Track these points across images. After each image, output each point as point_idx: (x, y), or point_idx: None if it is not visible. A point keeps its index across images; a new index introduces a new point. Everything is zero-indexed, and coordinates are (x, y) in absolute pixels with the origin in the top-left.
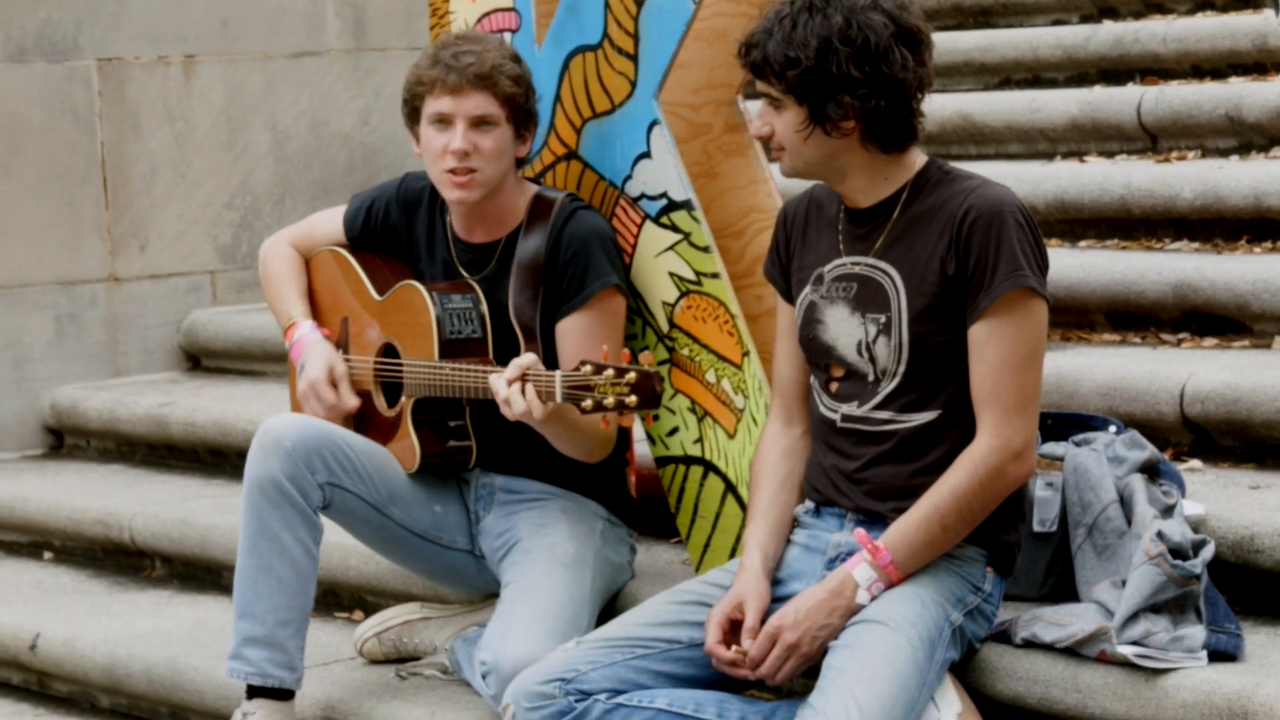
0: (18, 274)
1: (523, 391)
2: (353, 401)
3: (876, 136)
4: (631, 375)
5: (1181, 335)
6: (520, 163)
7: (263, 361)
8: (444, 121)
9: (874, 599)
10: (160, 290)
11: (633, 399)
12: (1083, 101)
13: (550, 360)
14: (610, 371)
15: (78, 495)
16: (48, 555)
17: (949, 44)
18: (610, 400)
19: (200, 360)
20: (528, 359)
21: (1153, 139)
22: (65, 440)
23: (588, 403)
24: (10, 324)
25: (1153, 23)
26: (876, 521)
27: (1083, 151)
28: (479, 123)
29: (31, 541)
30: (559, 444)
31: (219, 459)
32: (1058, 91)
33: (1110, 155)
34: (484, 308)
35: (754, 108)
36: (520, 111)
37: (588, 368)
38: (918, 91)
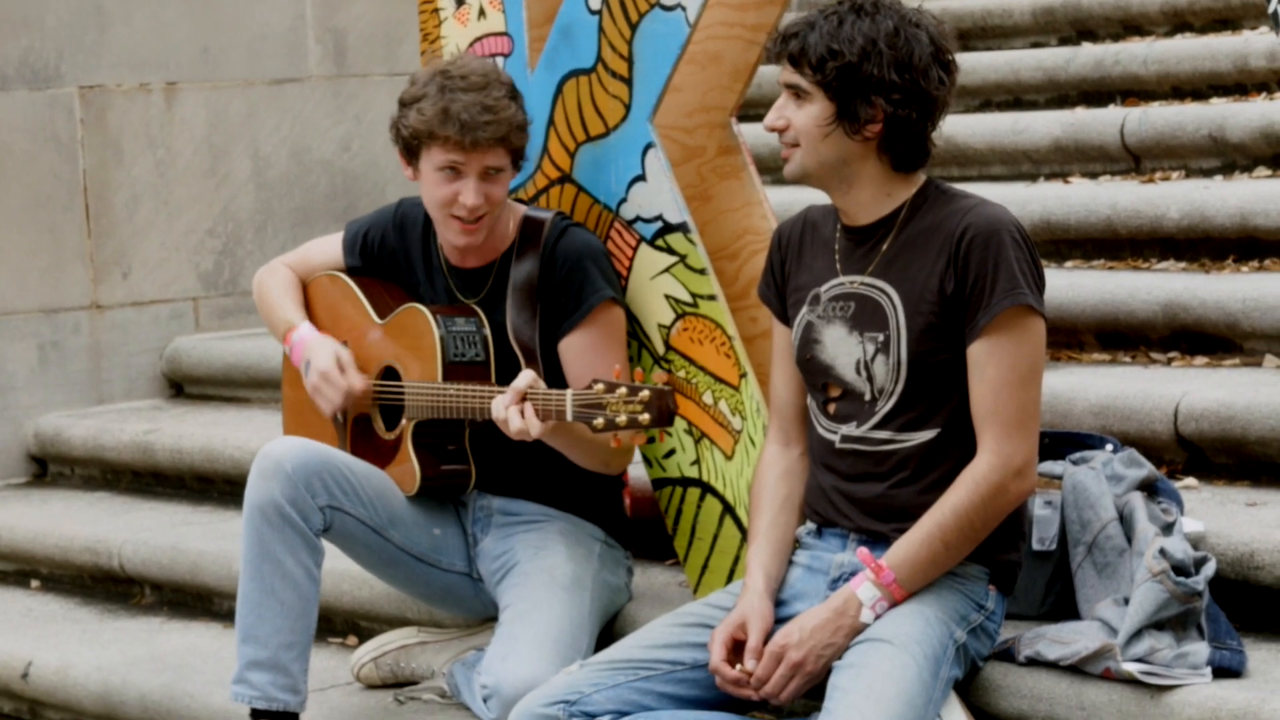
0: (0, 302)
1: (521, 412)
2: (361, 382)
3: (892, 149)
4: (645, 393)
5: (1171, 354)
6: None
7: (247, 388)
8: (454, 172)
9: (878, 618)
10: (143, 317)
11: (646, 417)
12: (1065, 123)
13: (553, 379)
14: (623, 390)
15: (65, 523)
16: (35, 583)
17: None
18: (623, 418)
19: (184, 387)
20: (525, 380)
21: (1136, 160)
22: (49, 468)
23: (599, 421)
24: None
25: (1133, 45)
26: (879, 541)
27: (1066, 173)
28: (488, 173)
29: (18, 570)
30: (574, 457)
31: (206, 485)
32: (1040, 113)
33: (1094, 176)
34: (487, 331)
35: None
36: (521, 150)
37: (600, 385)
38: (941, 114)
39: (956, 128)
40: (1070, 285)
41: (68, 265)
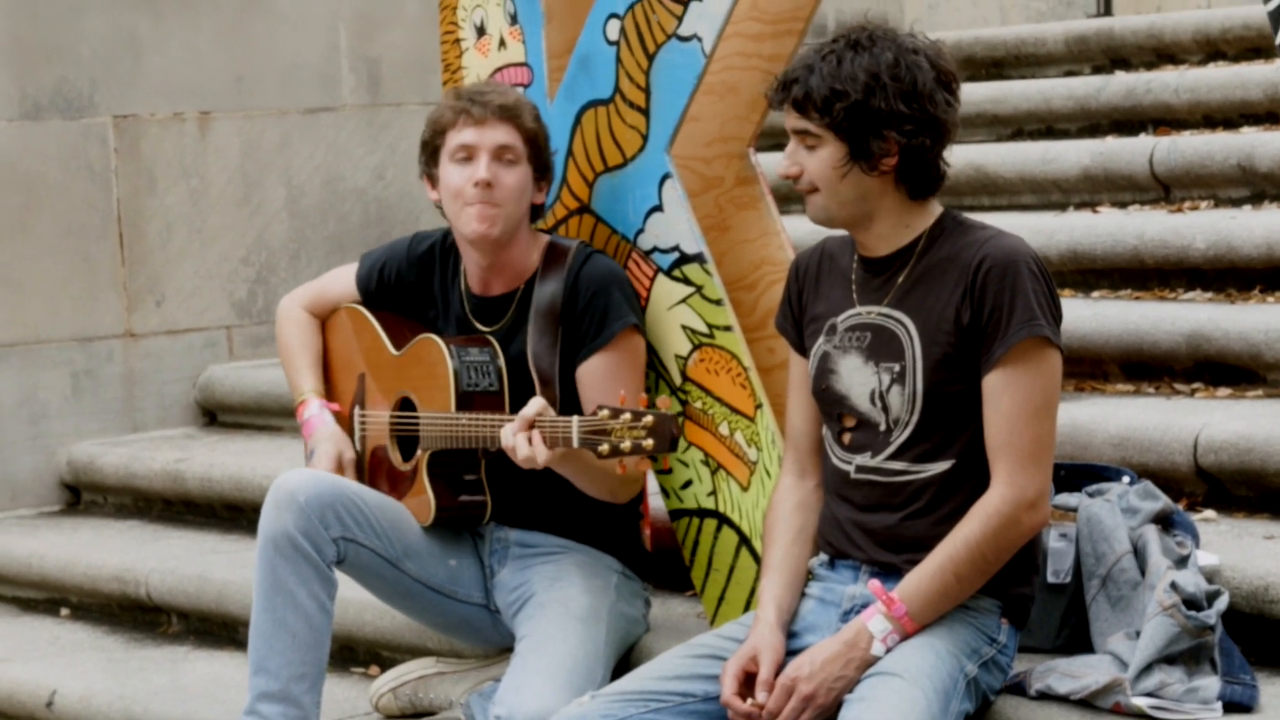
0: (34, 330)
1: (529, 439)
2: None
3: (909, 179)
4: (648, 419)
5: (1195, 385)
6: (535, 212)
7: (279, 416)
8: (467, 155)
9: (889, 650)
10: (176, 346)
11: (649, 442)
12: (1095, 152)
13: (570, 406)
14: (627, 415)
15: (94, 551)
16: (65, 612)
17: (961, 95)
18: (627, 444)
19: (216, 415)
20: (534, 408)
21: (1165, 189)
22: (82, 496)
23: (604, 447)
24: (27, 380)
25: (1165, 73)
26: (891, 573)
27: (1095, 202)
28: (502, 155)
29: (48, 598)
30: (583, 485)
31: (235, 514)
32: (1070, 142)
33: (1123, 205)
34: (501, 362)
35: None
36: (540, 153)
37: (604, 412)
38: (951, 136)
39: (987, 157)
40: (1095, 315)
41: (101, 294)
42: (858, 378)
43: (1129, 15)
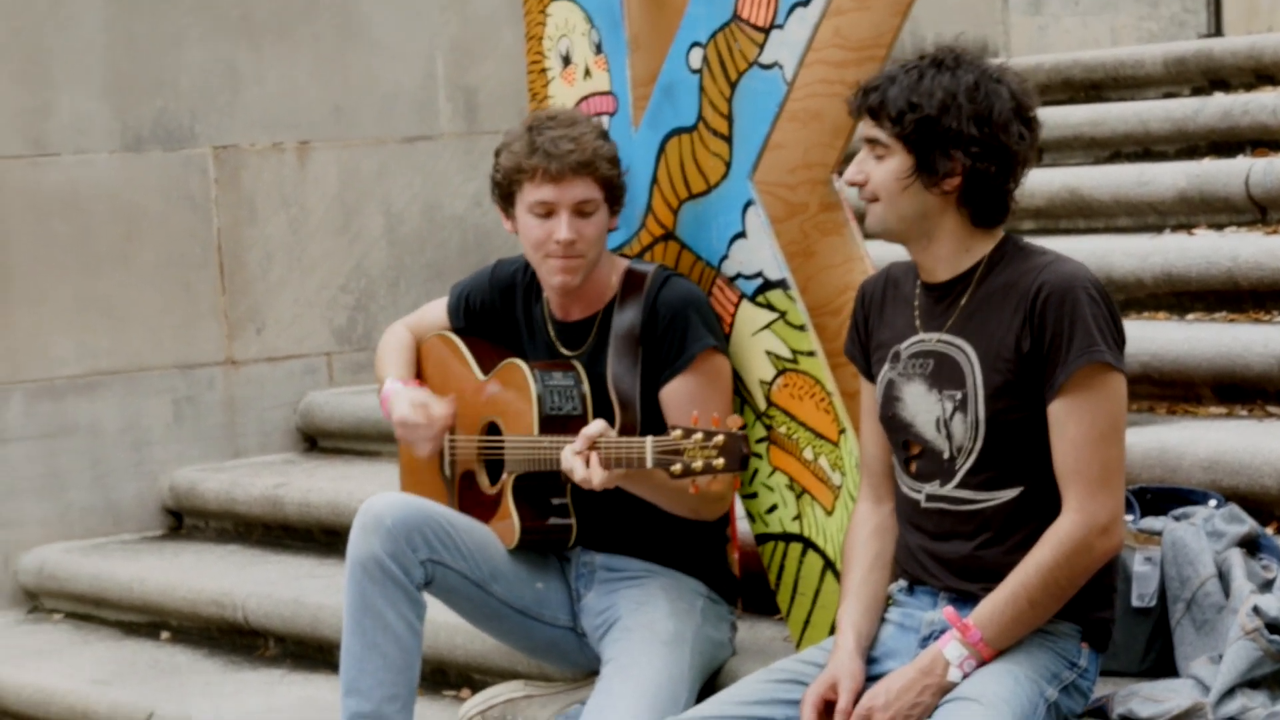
0: (136, 359)
1: (586, 460)
2: (442, 408)
3: (972, 203)
4: (719, 438)
5: None
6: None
7: (378, 441)
8: (546, 210)
9: (966, 676)
10: (277, 373)
11: (720, 461)
12: (1191, 174)
13: (651, 429)
14: (699, 435)
15: (194, 576)
16: (165, 635)
17: (1059, 118)
18: (699, 464)
19: (317, 441)
20: (595, 428)
21: (1262, 210)
22: (184, 521)
23: (677, 467)
24: (130, 408)
25: (1263, 95)
26: (968, 600)
27: (1192, 224)
28: (581, 209)
29: (150, 621)
30: (664, 505)
31: (333, 539)
32: (1166, 164)
33: (1219, 228)
34: (585, 387)
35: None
36: (615, 189)
37: (677, 432)
38: (1022, 170)
39: (1082, 179)
40: (1188, 338)
41: (202, 322)
42: (922, 405)
43: (1238, 36)
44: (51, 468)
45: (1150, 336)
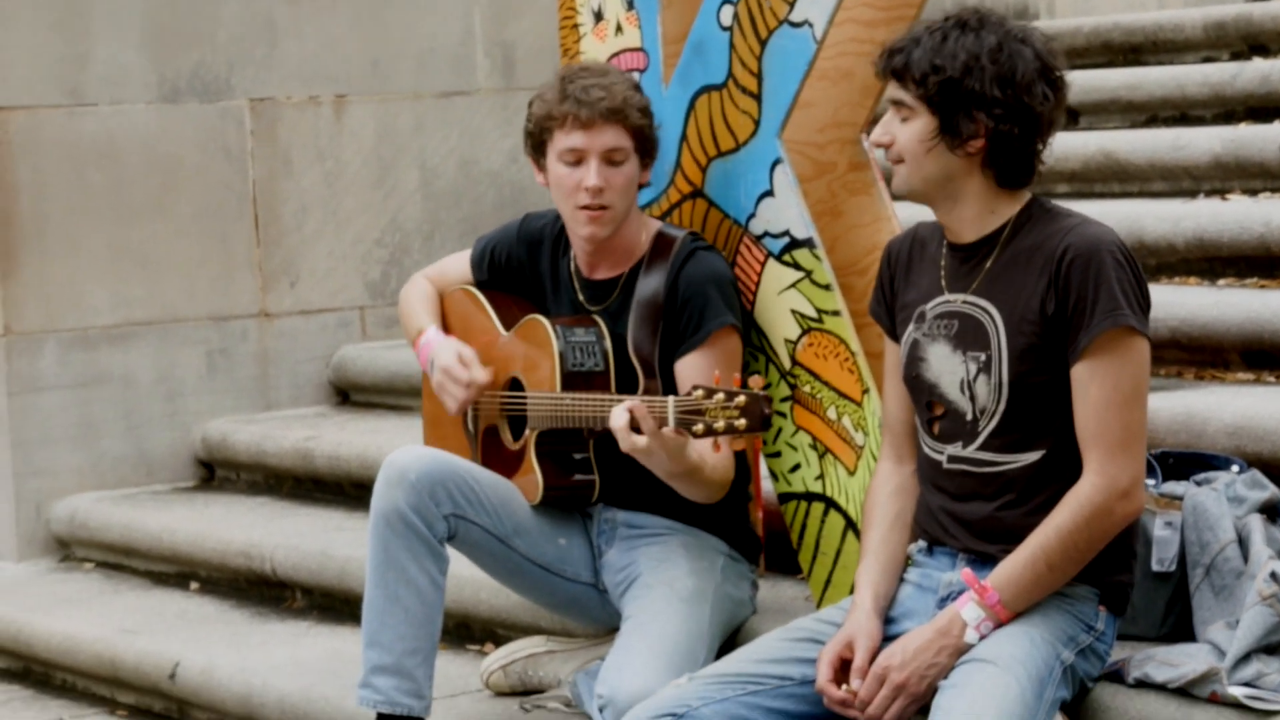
0: (171, 310)
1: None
2: (484, 376)
3: (997, 165)
4: (740, 399)
5: None
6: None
7: (410, 396)
8: (576, 157)
9: (983, 638)
10: (310, 326)
11: (742, 422)
12: (1226, 139)
13: (669, 394)
14: (720, 395)
15: (223, 527)
16: (194, 585)
17: (1096, 82)
18: (721, 424)
19: (349, 395)
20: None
21: None
22: (216, 473)
23: (699, 427)
24: (163, 359)
25: None
26: (987, 562)
27: (1226, 189)
28: (610, 157)
29: (179, 572)
30: (679, 487)
31: (362, 492)
32: (1202, 129)
33: (1254, 193)
34: (607, 344)
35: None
36: (646, 142)
37: (699, 392)
38: (1048, 131)
39: (1118, 143)
40: (1216, 304)
41: (237, 274)
42: (946, 366)
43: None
44: (85, 417)
45: (1180, 301)
